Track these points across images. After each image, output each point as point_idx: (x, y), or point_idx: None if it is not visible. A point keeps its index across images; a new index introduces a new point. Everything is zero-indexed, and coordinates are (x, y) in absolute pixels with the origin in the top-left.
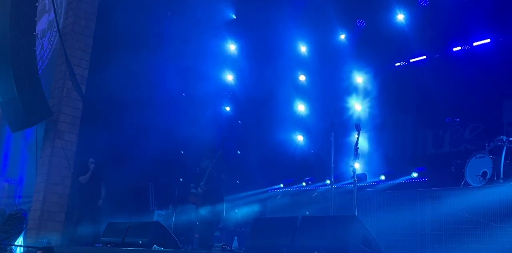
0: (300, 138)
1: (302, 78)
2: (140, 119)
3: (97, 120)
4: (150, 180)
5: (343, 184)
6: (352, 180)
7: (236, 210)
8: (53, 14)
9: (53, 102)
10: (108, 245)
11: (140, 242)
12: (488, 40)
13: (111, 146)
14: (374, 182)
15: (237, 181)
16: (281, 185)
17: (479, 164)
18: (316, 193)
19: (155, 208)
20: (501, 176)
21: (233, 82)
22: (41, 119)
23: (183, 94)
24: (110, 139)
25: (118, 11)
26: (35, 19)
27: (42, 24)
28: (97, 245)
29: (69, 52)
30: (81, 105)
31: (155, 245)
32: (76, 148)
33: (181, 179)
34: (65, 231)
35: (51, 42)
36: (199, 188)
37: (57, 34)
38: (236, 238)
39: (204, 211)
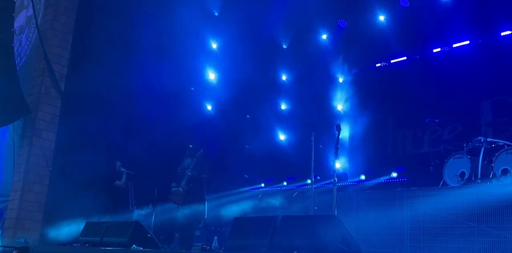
0: (282, 137)
1: (284, 77)
2: (120, 117)
3: (76, 118)
4: (130, 179)
5: (324, 184)
6: (333, 180)
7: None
8: (31, 10)
9: (31, 100)
10: (86, 245)
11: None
12: (467, 42)
13: (90, 144)
14: (355, 181)
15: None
16: (262, 185)
17: (457, 165)
18: (296, 193)
19: (135, 208)
20: (479, 176)
21: (214, 81)
22: (19, 116)
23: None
24: (89, 138)
25: (98, 8)
26: (13, 15)
27: (20, 20)
28: (75, 244)
29: (48, 49)
30: (60, 103)
31: (134, 245)
32: (54, 147)
33: (161, 179)
34: (43, 231)
35: (29, 39)
36: (180, 188)
37: (36, 31)
38: (216, 237)
39: (184, 210)
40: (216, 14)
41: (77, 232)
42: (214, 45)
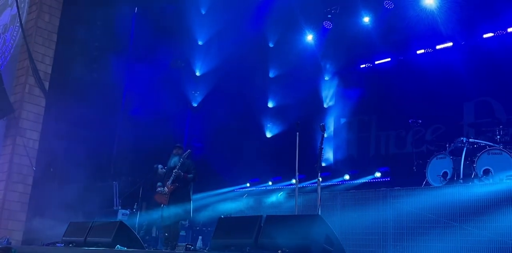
0: (268, 135)
1: (270, 75)
2: (105, 116)
3: (60, 118)
4: (115, 178)
5: (308, 184)
6: (317, 180)
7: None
8: (15, 9)
9: (15, 99)
10: (70, 245)
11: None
12: (450, 44)
13: (75, 144)
14: (339, 181)
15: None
16: (248, 184)
17: (440, 165)
18: (281, 193)
19: (119, 207)
20: (461, 176)
21: (200, 78)
22: (2, 115)
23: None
24: (74, 137)
25: (83, 6)
26: None
27: (4, 18)
28: (58, 245)
29: (32, 47)
30: (44, 102)
31: (118, 245)
32: (38, 146)
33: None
34: (26, 231)
35: (14, 37)
36: (165, 187)
37: (20, 29)
38: (200, 237)
39: (170, 210)
40: (203, 12)
41: (61, 232)
42: (200, 42)
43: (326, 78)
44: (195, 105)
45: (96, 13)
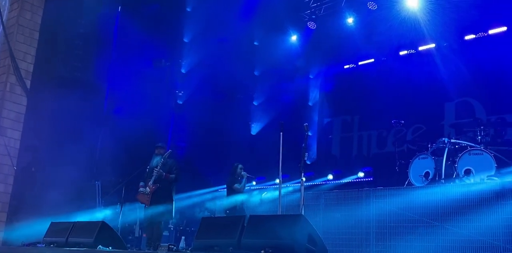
0: (252, 134)
1: (255, 74)
2: (87, 115)
3: (42, 117)
4: (97, 178)
5: (292, 183)
6: (300, 180)
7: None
8: None
9: None
10: (51, 245)
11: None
12: (432, 45)
13: (57, 143)
14: (322, 181)
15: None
16: None
17: (422, 165)
18: (266, 193)
19: (102, 207)
20: (443, 176)
21: (185, 76)
22: None
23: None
24: (56, 136)
25: (66, 4)
26: None
27: None
28: (39, 245)
29: (13, 46)
30: (26, 101)
31: (100, 245)
32: (19, 146)
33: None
34: (6, 231)
35: None
36: (147, 187)
37: (1, 27)
38: (183, 237)
39: (152, 210)
40: (188, 10)
41: (42, 232)
42: (186, 39)
43: (311, 77)
44: (180, 103)
45: (79, 11)
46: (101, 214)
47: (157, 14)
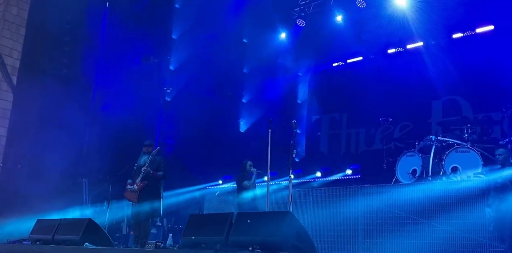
0: (241, 131)
1: (245, 71)
2: (75, 112)
3: (28, 113)
4: (84, 175)
5: (280, 181)
6: (288, 177)
7: None
8: None
9: None
10: (37, 243)
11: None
12: (420, 43)
13: (44, 140)
14: (311, 178)
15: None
16: (220, 182)
17: (409, 162)
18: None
19: (89, 205)
20: (430, 174)
21: (174, 73)
22: None
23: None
24: (42, 133)
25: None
26: None
27: None
28: (25, 242)
29: (0, 41)
30: (12, 97)
31: (86, 243)
32: (5, 142)
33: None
34: None
35: None
36: (135, 185)
37: None
38: (170, 235)
39: (139, 208)
40: (177, 6)
41: (28, 229)
42: (175, 35)
43: (299, 75)
44: (168, 99)
45: (66, 7)
46: (88, 211)
47: (146, 10)
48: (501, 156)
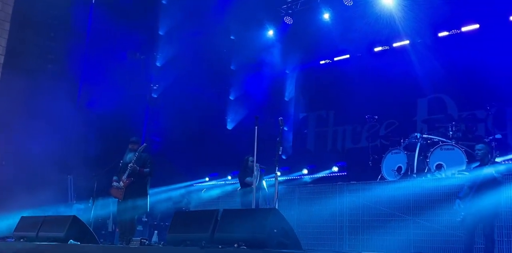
0: (229, 128)
1: (232, 68)
2: (60, 108)
3: (13, 109)
4: (69, 172)
5: (267, 178)
6: (274, 174)
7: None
8: None
9: None
10: (21, 240)
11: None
12: (407, 42)
13: (28, 136)
14: (297, 175)
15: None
16: (207, 179)
17: (394, 159)
18: (240, 188)
19: (74, 202)
20: (415, 171)
21: (160, 69)
22: None
23: None
24: (27, 129)
25: None
26: None
27: None
28: (9, 240)
29: None
30: None
31: (71, 240)
32: None
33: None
34: None
35: None
36: (121, 182)
37: None
38: (156, 232)
39: (125, 205)
40: (164, 2)
41: (12, 226)
42: (161, 32)
43: (286, 72)
44: (155, 96)
45: (52, 2)
46: (73, 208)
47: (132, 6)
48: (481, 152)
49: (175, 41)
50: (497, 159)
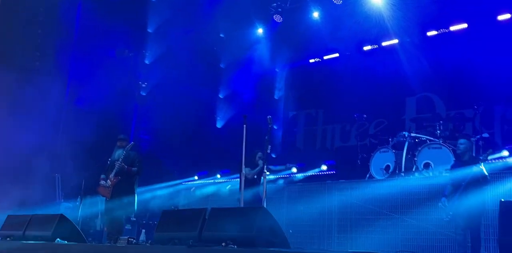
0: (218, 126)
1: (221, 66)
2: (48, 106)
3: (0, 107)
4: (57, 170)
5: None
6: (262, 173)
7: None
8: None
9: None
10: (8, 239)
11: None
12: (396, 41)
13: (15, 133)
14: (286, 174)
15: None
16: (196, 177)
17: (383, 158)
18: (230, 186)
19: (62, 200)
20: (403, 169)
21: (149, 67)
22: None
23: None
24: (15, 127)
25: None
26: None
27: None
28: None
29: None
30: None
31: (58, 239)
32: None
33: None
34: None
35: None
36: (108, 180)
37: None
38: (143, 231)
39: (113, 203)
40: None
41: None
42: (150, 29)
43: (277, 69)
44: (143, 94)
45: None
46: (61, 207)
47: (121, 3)
48: (462, 146)
49: (164, 38)
50: (489, 157)
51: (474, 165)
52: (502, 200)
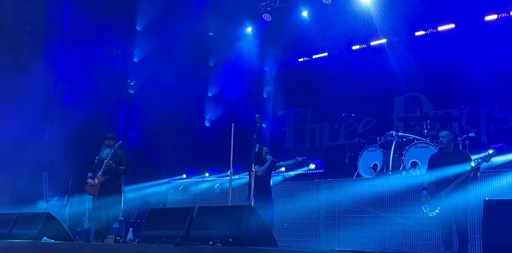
0: (206, 125)
1: (210, 64)
2: (35, 104)
3: None
4: (44, 168)
5: (244, 175)
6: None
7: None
8: None
9: None
10: None
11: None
12: (384, 40)
13: (3, 132)
14: (274, 173)
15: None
16: (184, 176)
17: (370, 157)
18: (218, 184)
19: (49, 199)
20: (390, 168)
21: (138, 65)
22: None
23: None
24: (1, 125)
25: None
26: None
27: None
28: None
29: None
30: None
31: (45, 237)
32: None
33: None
34: None
35: None
36: (95, 179)
37: None
38: (131, 229)
39: (100, 202)
40: None
41: None
42: (138, 28)
43: (266, 68)
44: (131, 92)
45: None
46: (48, 205)
47: (110, 0)
48: (445, 139)
49: (153, 36)
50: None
51: (466, 162)
52: (486, 199)
